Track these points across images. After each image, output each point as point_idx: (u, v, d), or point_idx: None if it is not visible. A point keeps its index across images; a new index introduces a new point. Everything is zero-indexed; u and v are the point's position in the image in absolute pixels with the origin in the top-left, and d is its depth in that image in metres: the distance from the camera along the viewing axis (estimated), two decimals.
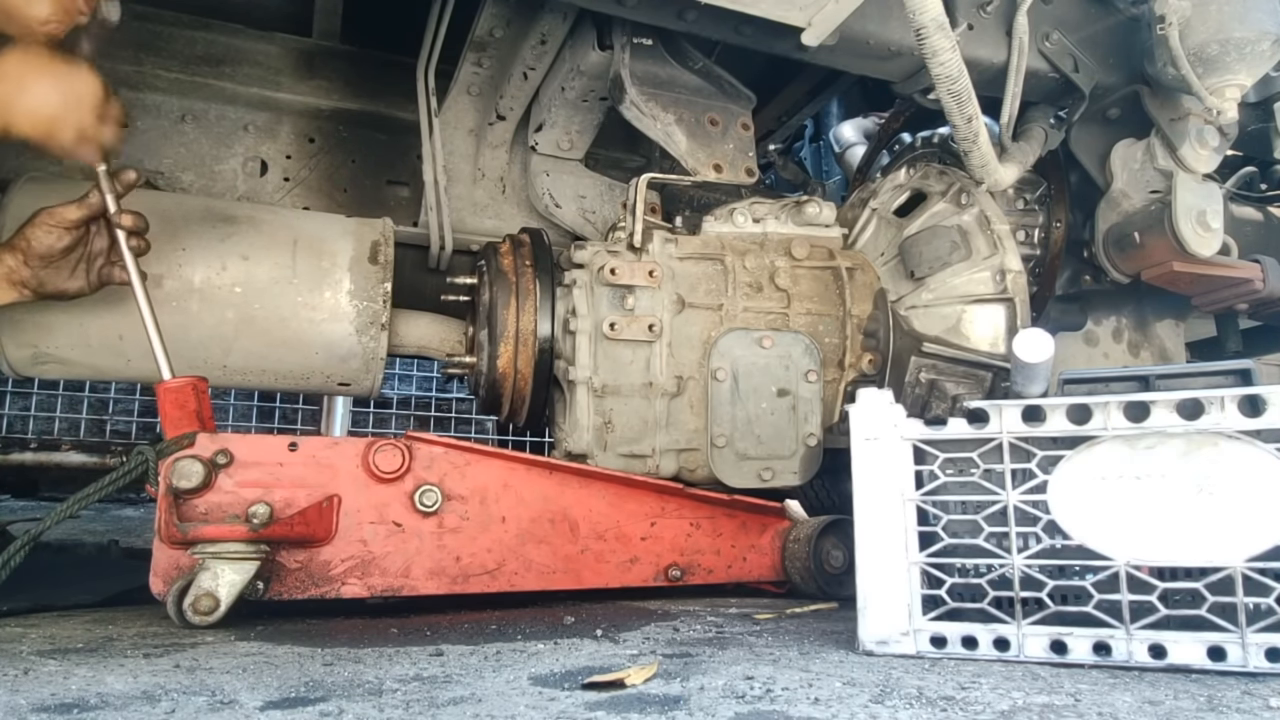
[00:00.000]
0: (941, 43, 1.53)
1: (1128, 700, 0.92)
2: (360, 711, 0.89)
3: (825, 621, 1.47)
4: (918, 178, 2.06)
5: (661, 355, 1.76)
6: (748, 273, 1.84)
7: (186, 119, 2.13)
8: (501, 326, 1.77)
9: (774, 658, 1.14)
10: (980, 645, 1.12)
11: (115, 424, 3.48)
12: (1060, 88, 1.94)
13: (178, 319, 1.64)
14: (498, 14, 1.91)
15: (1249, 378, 1.14)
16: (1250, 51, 1.71)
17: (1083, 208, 2.14)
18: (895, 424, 1.21)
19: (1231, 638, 1.02)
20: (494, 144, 2.21)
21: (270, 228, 1.77)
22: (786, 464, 1.80)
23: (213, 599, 1.33)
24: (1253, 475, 1.04)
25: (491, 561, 1.54)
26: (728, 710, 0.88)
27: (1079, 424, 1.13)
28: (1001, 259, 1.88)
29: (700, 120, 1.88)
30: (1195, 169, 1.90)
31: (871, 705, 0.90)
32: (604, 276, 1.76)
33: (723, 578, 1.70)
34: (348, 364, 1.78)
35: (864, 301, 1.89)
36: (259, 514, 1.40)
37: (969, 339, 1.89)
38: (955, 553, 1.17)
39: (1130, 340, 2.28)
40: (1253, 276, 1.93)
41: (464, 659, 1.15)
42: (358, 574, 1.47)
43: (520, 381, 1.80)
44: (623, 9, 1.67)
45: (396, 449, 1.51)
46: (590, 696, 0.95)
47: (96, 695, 0.93)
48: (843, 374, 1.86)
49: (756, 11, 1.58)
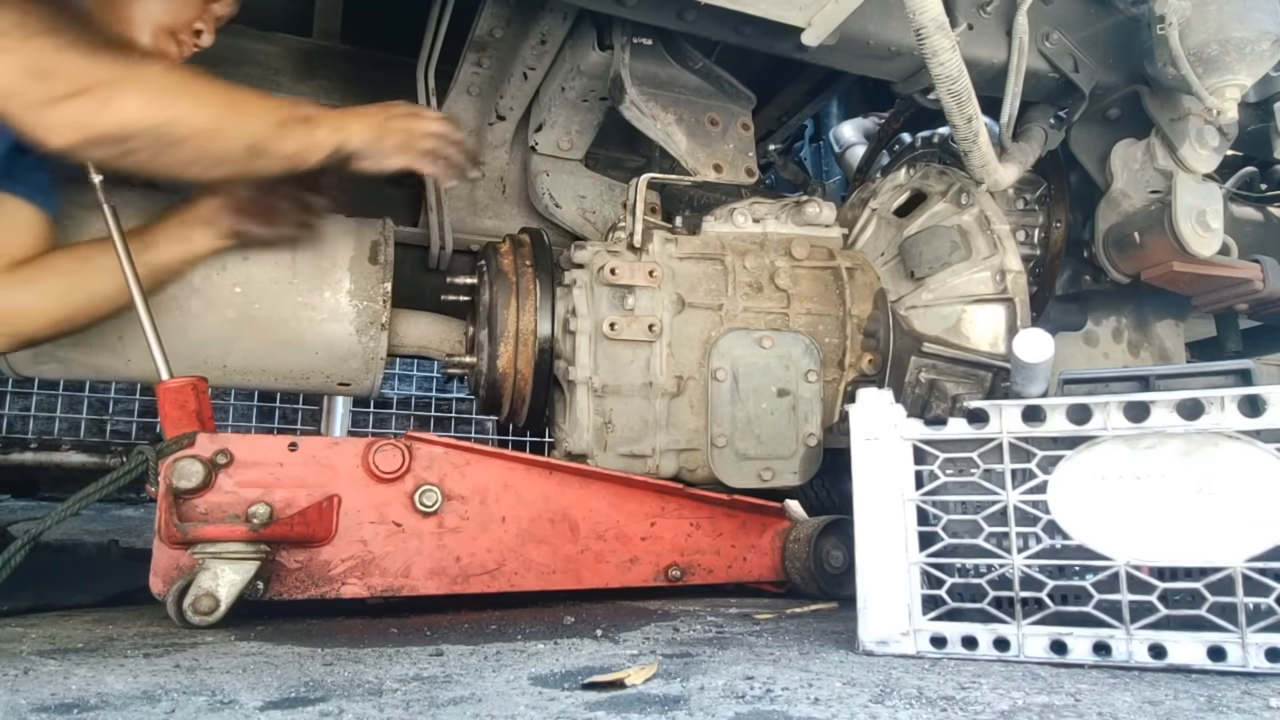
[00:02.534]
0: (941, 43, 1.53)
1: (1128, 700, 0.92)
2: (360, 711, 0.89)
3: (825, 621, 1.47)
4: (918, 178, 2.06)
5: (661, 355, 1.76)
6: (748, 273, 1.84)
7: None
8: (501, 326, 1.77)
9: (774, 658, 1.14)
10: (980, 645, 1.12)
11: (115, 424, 3.48)
12: (1060, 88, 1.94)
13: (178, 319, 1.64)
14: (498, 14, 1.91)
15: (1249, 378, 1.14)
16: (1250, 51, 1.71)
17: (1083, 208, 2.13)
18: (895, 424, 1.21)
19: (1231, 638, 1.02)
20: (494, 144, 2.21)
21: None
22: (786, 464, 1.80)
23: (213, 599, 1.33)
24: (1253, 475, 1.04)
25: (491, 561, 1.54)
26: (728, 710, 0.88)
27: (1079, 424, 1.13)
28: (1001, 259, 1.88)
29: (700, 120, 1.88)
30: (1195, 169, 1.90)
31: (871, 705, 0.90)
32: (604, 276, 1.76)
33: (723, 578, 1.70)
34: (348, 364, 1.78)
35: (864, 301, 1.89)
36: (259, 514, 1.40)
37: (969, 339, 1.89)
38: (955, 553, 1.17)
39: (1130, 340, 2.28)
40: (1253, 276, 1.93)
41: (464, 659, 1.15)
42: (358, 574, 1.47)
43: (520, 381, 1.80)
44: (623, 9, 1.67)
45: (396, 449, 1.51)
46: (590, 696, 0.95)
47: (96, 695, 0.93)
48: (843, 374, 1.86)
49: (756, 11, 1.58)
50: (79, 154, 1.34)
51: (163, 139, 1.33)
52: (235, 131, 1.40)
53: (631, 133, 1.93)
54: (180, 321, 1.65)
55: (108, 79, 1.28)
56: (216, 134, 1.39)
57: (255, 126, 1.42)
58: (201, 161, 1.40)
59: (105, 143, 1.31)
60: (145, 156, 1.35)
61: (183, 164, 1.39)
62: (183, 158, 1.37)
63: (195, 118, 1.36)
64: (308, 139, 1.47)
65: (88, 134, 1.29)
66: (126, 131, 1.31)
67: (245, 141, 1.41)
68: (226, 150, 1.41)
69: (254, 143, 1.42)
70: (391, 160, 1.56)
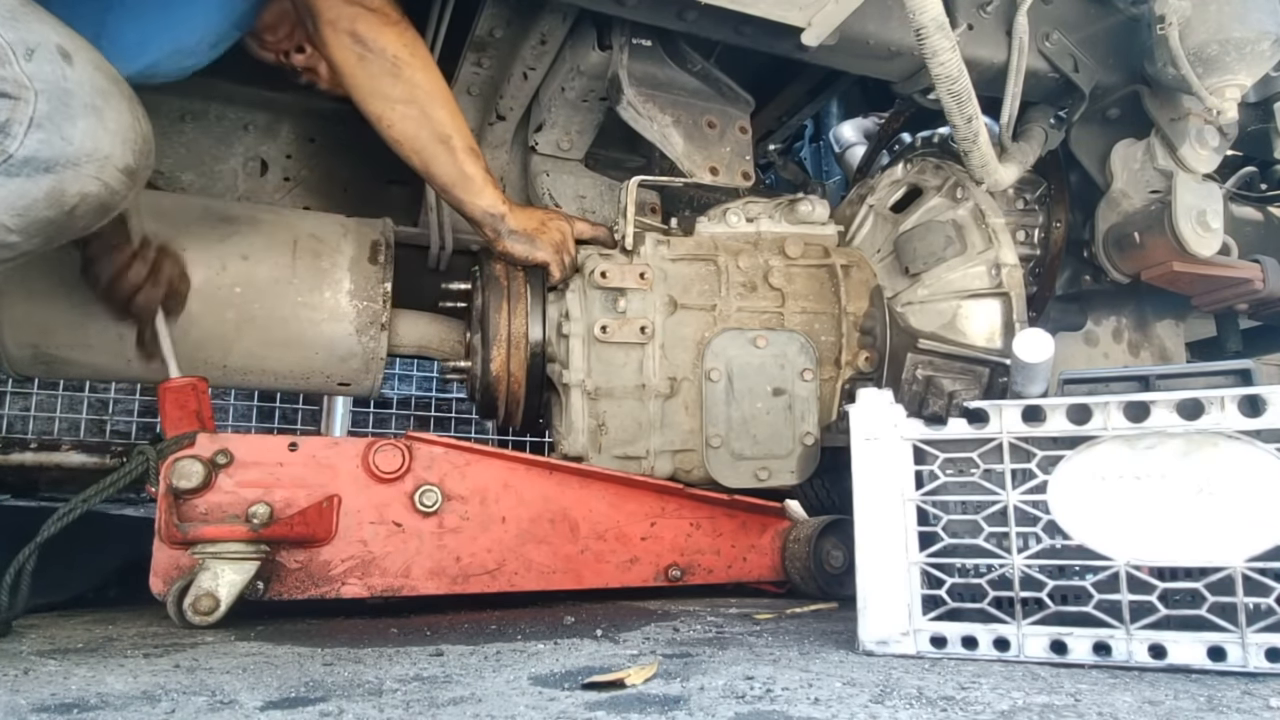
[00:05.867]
0: (941, 43, 1.53)
1: (1128, 700, 0.92)
2: (360, 711, 0.89)
3: (825, 621, 1.47)
4: (914, 173, 2.06)
5: (654, 357, 1.76)
6: (741, 272, 1.84)
7: (186, 118, 2.13)
8: (494, 330, 1.77)
9: (774, 658, 1.14)
10: (980, 645, 1.12)
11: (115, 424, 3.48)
12: (1060, 88, 1.94)
13: (178, 319, 1.64)
14: (498, 14, 1.91)
15: (1249, 378, 1.14)
16: (1250, 51, 1.71)
17: (1083, 208, 2.13)
18: (895, 424, 1.21)
19: (1231, 638, 1.02)
20: (494, 144, 2.21)
21: (270, 228, 1.77)
22: (783, 463, 1.80)
23: (213, 599, 1.33)
24: (1253, 475, 1.04)
25: (491, 561, 1.54)
26: (728, 710, 0.88)
27: (1079, 424, 1.13)
28: (996, 253, 1.88)
29: (698, 122, 1.88)
30: (1195, 169, 1.90)
31: (871, 705, 0.90)
32: (596, 279, 1.76)
33: (723, 578, 1.70)
34: (348, 364, 1.78)
35: (860, 299, 1.89)
36: (259, 514, 1.40)
37: (965, 334, 1.88)
38: (955, 553, 1.17)
39: (1130, 340, 2.28)
40: (1253, 276, 1.93)
41: (464, 659, 1.15)
42: (358, 574, 1.47)
43: (514, 385, 1.80)
44: (623, 9, 1.67)
45: (396, 449, 1.51)
46: (590, 696, 0.95)
47: (96, 695, 0.93)
48: (839, 372, 1.86)
49: (756, 11, 1.58)
50: (326, 54, 1.58)
51: (392, 75, 1.56)
52: (442, 116, 1.61)
53: (632, 133, 1.93)
54: (180, 321, 1.64)
55: (382, 8, 1.55)
56: (428, 106, 1.60)
57: (457, 126, 1.64)
58: (398, 124, 1.61)
59: (364, 57, 1.55)
60: (364, 91, 1.59)
61: (378, 99, 1.59)
62: (390, 92, 1.57)
63: (424, 82, 1.59)
64: (480, 181, 1.69)
65: (354, 44, 1.54)
66: (380, 55, 1.55)
67: (441, 129, 1.62)
68: (421, 126, 1.61)
69: (445, 135, 1.62)
70: (539, 256, 1.76)
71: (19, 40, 1.05)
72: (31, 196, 1.07)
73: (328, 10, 1.53)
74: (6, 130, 1.04)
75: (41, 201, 1.08)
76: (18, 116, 1.04)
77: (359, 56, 1.55)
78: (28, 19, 1.08)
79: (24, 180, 1.06)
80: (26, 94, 1.05)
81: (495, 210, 1.72)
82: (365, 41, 1.54)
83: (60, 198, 1.09)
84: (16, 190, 1.06)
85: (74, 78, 1.09)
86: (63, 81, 1.08)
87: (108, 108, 1.13)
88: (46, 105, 1.06)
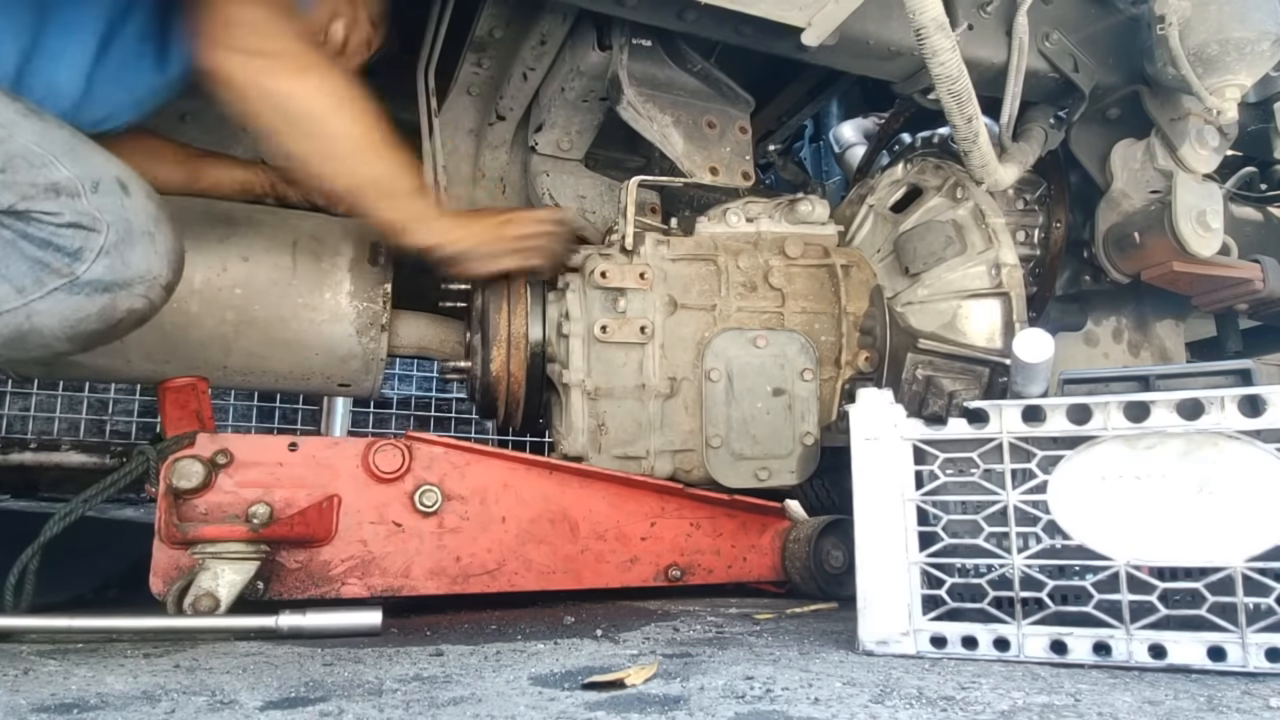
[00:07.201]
0: (941, 43, 1.53)
1: (1128, 700, 0.92)
2: (360, 711, 0.89)
3: (825, 621, 1.47)
4: (914, 172, 2.06)
5: (654, 357, 1.76)
6: (741, 272, 1.84)
7: (186, 118, 2.12)
8: (494, 330, 1.77)
9: (774, 658, 1.14)
10: (980, 645, 1.12)
11: (115, 424, 3.48)
12: (1060, 88, 1.93)
13: (178, 319, 1.64)
14: (498, 14, 1.91)
15: (1249, 378, 1.14)
16: (1250, 51, 1.71)
17: (1083, 208, 2.13)
18: (895, 424, 1.21)
19: (1231, 638, 1.02)
20: (494, 144, 2.21)
21: (270, 229, 1.77)
22: (783, 463, 1.80)
23: (213, 599, 1.33)
24: (1253, 475, 1.04)
25: (491, 561, 1.54)
26: (728, 710, 0.88)
27: (1079, 424, 1.13)
28: (996, 253, 1.88)
29: (697, 123, 1.88)
30: (1195, 169, 1.90)
31: (871, 705, 0.90)
32: (595, 279, 1.76)
33: (723, 578, 1.70)
34: (348, 365, 1.78)
35: (860, 299, 1.89)
36: (259, 514, 1.40)
37: (965, 334, 1.88)
38: (955, 553, 1.17)
39: (1130, 340, 2.28)
40: (1253, 276, 1.93)
41: (464, 659, 1.15)
42: (358, 574, 1.47)
43: (514, 385, 1.80)
44: (623, 9, 1.67)
45: (396, 449, 1.51)
46: (590, 696, 0.95)
47: (96, 695, 0.94)
48: (839, 372, 1.86)
49: (756, 11, 1.58)
50: (227, 97, 1.43)
51: (296, 127, 1.41)
52: (353, 167, 1.47)
53: (632, 133, 1.93)
54: (180, 322, 1.65)
55: (288, 53, 1.38)
56: (338, 157, 1.45)
57: (372, 175, 1.48)
58: (308, 164, 1.47)
59: (254, 102, 1.39)
60: (271, 129, 1.44)
61: (293, 154, 1.46)
62: (297, 149, 1.44)
63: (332, 131, 1.42)
64: (407, 224, 1.56)
65: (245, 89, 1.38)
66: (275, 105, 1.39)
67: (355, 180, 1.49)
68: (334, 174, 1.49)
69: (359, 187, 1.50)
70: (496, 265, 1.69)
71: (85, 175, 1.17)
72: (86, 312, 1.19)
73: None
74: (79, 256, 1.16)
75: (94, 317, 1.20)
76: (90, 245, 1.17)
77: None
78: (87, 154, 1.20)
79: (83, 299, 1.18)
80: (99, 225, 1.17)
81: (441, 239, 1.62)
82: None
83: (111, 314, 1.21)
84: (75, 307, 1.18)
85: (132, 207, 1.21)
86: (124, 211, 1.20)
87: (159, 233, 1.24)
88: (115, 236, 1.18)
